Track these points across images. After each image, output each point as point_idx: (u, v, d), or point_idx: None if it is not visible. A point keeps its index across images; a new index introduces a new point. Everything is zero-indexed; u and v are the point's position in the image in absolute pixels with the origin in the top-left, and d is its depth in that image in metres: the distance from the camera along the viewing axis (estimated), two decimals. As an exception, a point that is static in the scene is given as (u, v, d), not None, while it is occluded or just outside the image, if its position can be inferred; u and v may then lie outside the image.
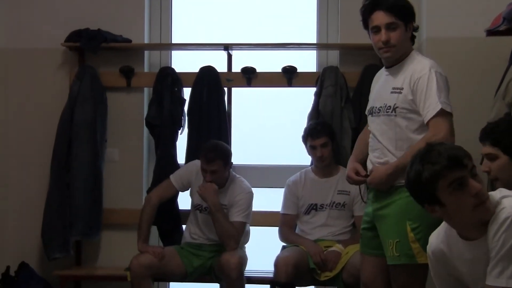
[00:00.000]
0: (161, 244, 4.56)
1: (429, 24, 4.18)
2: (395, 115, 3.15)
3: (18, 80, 4.74)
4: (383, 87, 3.26)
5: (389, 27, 3.15)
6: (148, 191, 4.46)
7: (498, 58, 3.79)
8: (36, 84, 4.72)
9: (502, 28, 3.42)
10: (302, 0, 4.86)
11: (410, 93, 3.12)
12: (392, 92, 3.17)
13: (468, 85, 4.08)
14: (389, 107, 3.17)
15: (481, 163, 3.34)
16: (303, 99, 4.59)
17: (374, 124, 3.26)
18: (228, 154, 4.15)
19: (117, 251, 4.63)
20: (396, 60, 3.23)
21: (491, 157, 2.74)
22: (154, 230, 4.61)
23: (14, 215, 4.72)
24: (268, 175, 4.69)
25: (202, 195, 4.06)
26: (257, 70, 4.57)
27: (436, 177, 2.21)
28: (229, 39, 4.63)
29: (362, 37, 4.00)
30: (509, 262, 2.19)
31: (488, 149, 2.75)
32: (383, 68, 3.35)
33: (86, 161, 4.48)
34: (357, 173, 3.30)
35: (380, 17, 3.16)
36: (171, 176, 4.26)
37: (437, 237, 2.42)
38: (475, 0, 4.08)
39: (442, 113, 3.05)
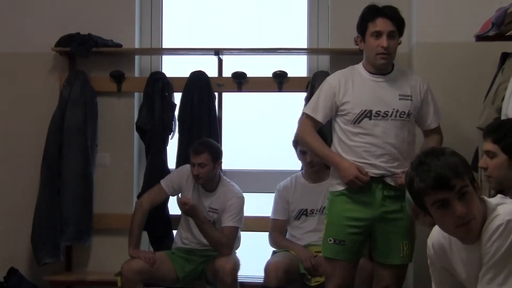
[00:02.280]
0: (151, 249, 4.55)
1: (419, 29, 4.20)
2: (409, 120, 3.39)
3: (8, 84, 4.73)
4: (381, 92, 3.36)
5: (390, 35, 3.33)
6: (139, 196, 4.45)
7: (487, 63, 3.80)
8: (26, 88, 4.71)
9: (491, 33, 3.43)
10: (293, 5, 4.86)
11: (420, 102, 3.43)
12: (401, 99, 3.38)
13: (458, 90, 4.09)
14: (403, 113, 3.37)
15: (475, 161, 3.38)
16: (293, 104, 4.59)
17: (377, 127, 3.33)
18: (217, 150, 4.15)
19: (108, 256, 4.62)
20: (385, 68, 3.38)
21: (490, 155, 2.77)
22: (144, 235, 4.60)
23: (4, 219, 4.70)
24: (258, 180, 4.69)
25: (185, 213, 4.05)
26: (248, 75, 4.58)
27: (422, 194, 2.23)
28: (220, 43, 4.64)
29: (353, 42, 4.02)
30: (500, 269, 2.18)
31: (489, 145, 2.77)
32: (361, 71, 3.42)
33: (76, 166, 4.47)
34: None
35: (384, 24, 3.32)
36: (162, 181, 4.25)
37: (440, 230, 2.41)
38: (464, 6, 4.10)
39: None
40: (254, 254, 4.49)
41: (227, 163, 4.27)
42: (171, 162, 4.52)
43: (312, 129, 3.46)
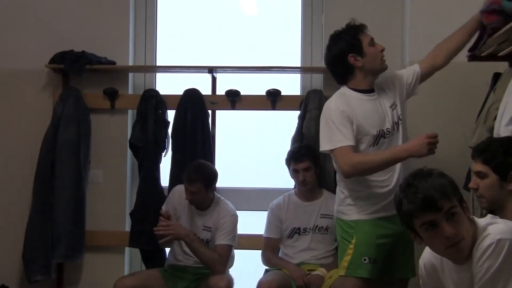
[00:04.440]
0: (143, 267, 4.54)
1: (411, 47, 4.22)
2: (402, 124, 3.40)
3: (1, 101, 4.72)
4: (380, 110, 3.33)
5: None
6: (131, 214, 4.45)
7: (479, 83, 3.82)
8: (20, 105, 4.71)
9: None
10: (287, 24, 4.89)
11: (400, 93, 3.44)
12: (393, 109, 3.38)
13: (450, 109, 4.12)
14: (398, 122, 3.37)
15: (467, 180, 3.38)
16: (287, 122, 4.61)
17: (387, 145, 3.32)
18: (211, 177, 4.13)
19: (100, 273, 4.61)
20: (373, 81, 3.41)
21: (481, 175, 2.76)
22: (137, 252, 4.59)
23: (-5, 236, 4.69)
24: (251, 198, 4.68)
25: (173, 236, 4.02)
26: (241, 93, 4.59)
27: (410, 216, 2.25)
28: (214, 61, 4.65)
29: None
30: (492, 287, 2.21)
31: (479, 166, 2.76)
32: (353, 94, 3.35)
33: (69, 183, 4.45)
34: None
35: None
36: (163, 207, 4.20)
37: (432, 251, 2.43)
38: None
39: None
40: (246, 272, 4.48)
41: (220, 181, 4.25)
42: (164, 180, 4.52)
43: (352, 152, 3.22)
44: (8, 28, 4.74)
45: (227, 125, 4.76)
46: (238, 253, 4.32)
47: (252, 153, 4.81)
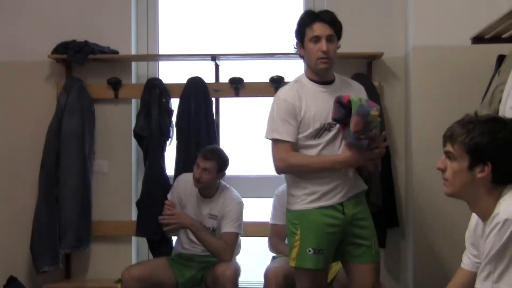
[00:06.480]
0: (151, 256, 4.55)
1: (416, 32, 4.20)
2: None
3: (5, 92, 4.73)
4: (331, 103, 3.28)
5: (329, 39, 3.30)
6: (137, 203, 4.45)
7: (484, 65, 3.82)
8: (24, 96, 4.71)
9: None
10: (290, 10, 4.87)
11: None
12: None
13: (455, 92, 4.11)
14: None
15: None
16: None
17: (336, 139, 3.31)
18: (225, 161, 4.16)
19: (107, 263, 4.63)
20: (326, 74, 3.36)
21: None
22: (143, 241, 4.60)
23: (2, 228, 4.70)
24: (257, 186, 4.69)
25: (178, 224, 4.05)
26: (245, 80, 4.59)
27: None
28: (217, 49, 4.65)
29: (350, 46, 4.03)
30: (495, 266, 2.26)
31: None
32: (307, 83, 3.36)
33: (74, 173, 4.46)
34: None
35: (322, 28, 3.30)
36: (168, 195, 4.24)
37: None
38: (461, 9, 4.11)
39: None
40: (253, 259, 4.50)
41: (225, 169, 4.27)
42: (169, 169, 4.52)
43: (290, 151, 3.30)
44: (11, 19, 4.74)
45: (231, 112, 4.76)
46: (244, 241, 4.33)
47: (256, 140, 4.79)
